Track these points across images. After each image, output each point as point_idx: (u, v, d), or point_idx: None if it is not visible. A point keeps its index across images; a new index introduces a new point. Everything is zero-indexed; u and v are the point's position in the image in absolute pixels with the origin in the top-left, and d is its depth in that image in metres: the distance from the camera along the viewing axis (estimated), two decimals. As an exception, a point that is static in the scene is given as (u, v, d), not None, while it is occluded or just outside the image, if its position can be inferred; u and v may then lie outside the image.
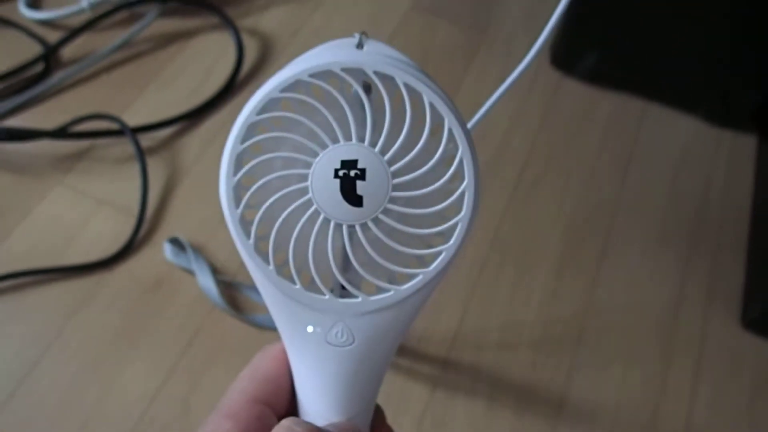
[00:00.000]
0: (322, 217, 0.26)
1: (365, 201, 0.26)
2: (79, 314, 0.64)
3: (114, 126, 0.75)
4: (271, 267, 0.27)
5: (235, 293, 0.67)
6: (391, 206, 0.26)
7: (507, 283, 0.69)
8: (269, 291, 0.28)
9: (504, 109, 0.82)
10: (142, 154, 0.73)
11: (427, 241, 0.27)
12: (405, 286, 0.27)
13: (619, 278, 0.71)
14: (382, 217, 0.26)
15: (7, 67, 0.80)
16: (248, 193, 0.27)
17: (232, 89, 0.81)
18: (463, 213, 0.27)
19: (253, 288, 0.66)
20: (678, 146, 0.81)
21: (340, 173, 0.26)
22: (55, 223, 0.70)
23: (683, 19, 0.77)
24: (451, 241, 0.27)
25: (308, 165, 0.26)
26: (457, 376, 0.64)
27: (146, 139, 0.76)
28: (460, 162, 0.26)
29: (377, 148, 0.26)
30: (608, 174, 0.78)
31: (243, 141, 0.27)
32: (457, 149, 0.26)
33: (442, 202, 0.27)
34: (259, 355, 0.30)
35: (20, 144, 0.74)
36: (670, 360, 0.66)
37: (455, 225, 0.27)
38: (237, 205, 0.27)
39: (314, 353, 0.28)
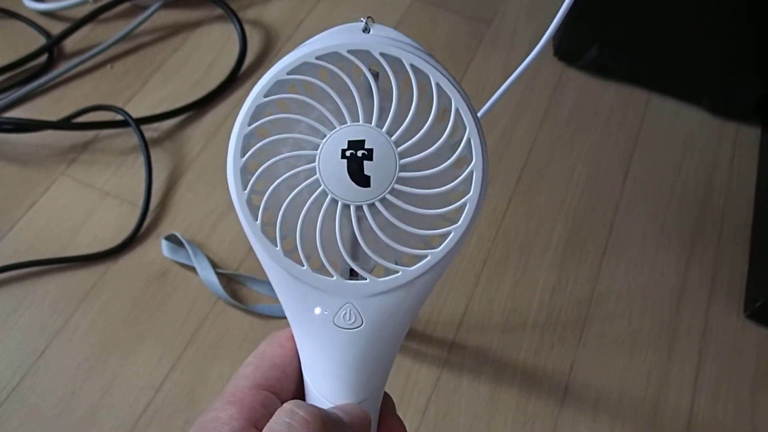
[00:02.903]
0: (329, 197, 0.26)
1: (372, 181, 0.26)
2: (84, 304, 0.65)
3: (118, 117, 0.75)
4: (278, 248, 0.27)
5: (237, 286, 0.67)
6: (398, 186, 0.26)
7: (512, 271, 0.69)
8: (276, 273, 0.27)
9: (507, 100, 0.82)
10: (146, 146, 0.73)
11: (435, 222, 0.27)
12: (413, 268, 0.27)
13: (622, 267, 0.71)
14: (389, 197, 0.26)
15: (10, 59, 0.80)
16: (255, 174, 0.27)
17: (235, 80, 0.81)
18: (471, 193, 0.26)
19: (255, 280, 0.66)
20: (681, 137, 0.81)
21: (347, 153, 0.26)
22: (59, 214, 0.70)
23: (687, 11, 0.77)
24: (459, 222, 0.27)
25: (316, 146, 0.26)
26: (462, 363, 0.64)
27: (150, 131, 0.76)
28: (468, 142, 0.26)
29: (384, 129, 0.26)
30: (612, 164, 0.78)
31: (250, 123, 0.27)
32: (464, 129, 0.26)
33: (450, 182, 0.26)
34: (265, 341, 0.29)
35: (24, 135, 0.74)
36: (673, 349, 0.66)
37: (463, 205, 0.27)
38: (244, 187, 0.27)
39: (322, 336, 0.28)
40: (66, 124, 0.74)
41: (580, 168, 0.78)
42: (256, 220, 0.27)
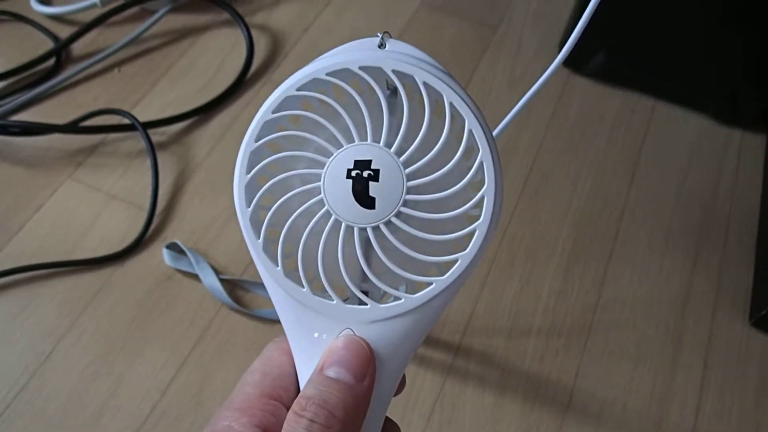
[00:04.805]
0: (333, 218, 0.25)
1: (378, 203, 0.25)
2: (90, 307, 0.65)
3: (125, 121, 0.75)
4: (279, 268, 0.26)
5: (242, 291, 0.67)
6: (404, 210, 0.25)
7: (517, 276, 0.70)
8: (277, 293, 0.27)
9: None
10: (153, 149, 0.73)
11: (443, 248, 0.26)
12: (417, 295, 0.26)
13: (627, 275, 0.71)
14: (395, 220, 0.25)
15: (18, 62, 0.80)
16: (260, 192, 0.26)
17: (242, 85, 0.82)
18: (481, 219, 0.25)
19: (260, 285, 0.66)
20: (687, 144, 0.81)
21: (353, 173, 0.25)
22: (66, 218, 0.70)
23: (694, 18, 0.77)
24: (468, 249, 0.26)
25: (322, 165, 0.25)
26: (467, 369, 0.64)
27: (157, 134, 0.77)
28: (481, 165, 0.25)
29: (393, 149, 0.25)
30: (617, 171, 0.78)
31: (258, 139, 0.26)
32: (477, 152, 0.25)
33: (460, 207, 0.25)
34: (271, 347, 0.29)
35: (31, 138, 0.75)
36: (678, 357, 0.66)
37: (473, 232, 0.25)
38: (248, 204, 0.26)
39: (318, 357, 0.26)
40: (73, 127, 0.74)
41: (585, 174, 0.78)
42: (259, 238, 0.27)
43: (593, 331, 0.67)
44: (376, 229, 0.25)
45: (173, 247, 0.68)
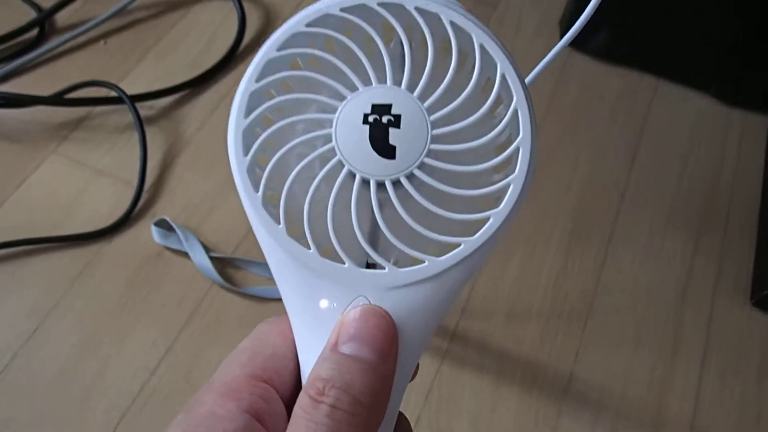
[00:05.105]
0: (345, 169, 0.22)
1: (398, 152, 0.22)
2: (77, 284, 0.62)
3: (112, 94, 0.73)
4: (281, 225, 0.23)
5: (234, 269, 0.65)
6: (429, 161, 0.22)
7: (516, 258, 0.68)
8: (277, 256, 0.23)
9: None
10: (141, 123, 0.71)
11: (471, 206, 0.23)
12: (442, 258, 0.22)
13: (628, 256, 0.69)
14: (418, 173, 0.22)
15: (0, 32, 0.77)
16: (261, 137, 0.23)
17: (233, 59, 0.79)
18: (516, 173, 0.22)
19: (253, 262, 0.64)
20: (689, 125, 0.79)
21: (370, 119, 0.22)
22: (50, 193, 0.68)
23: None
24: (501, 206, 0.22)
25: (333, 109, 0.22)
26: (464, 352, 0.62)
27: (145, 108, 0.74)
28: (515, 113, 0.22)
29: (416, 93, 0.22)
30: (618, 152, 0.77)
31: (259, 79, 0.23)
32: (510, 98, 0.22)
33: (492, 158, 0.23)
34: (263, 327, 0.25)
35: (14, 111, 0.72)
36: (679, 338, 0.65)
37: (506, 187, 0.22)
38: (246, 152, 0.23)
39: (328, 332, 0.23)
40: (58, 99, 0.72)
41: (585, 155, 0.76)
42: (257, 191, 0.23)
43: (593, 312, 0.66)
44: (396, 182, 0.22)
45: (162, 224, 0.66)
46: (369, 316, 0.22)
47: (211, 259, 0.64)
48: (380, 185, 0.22)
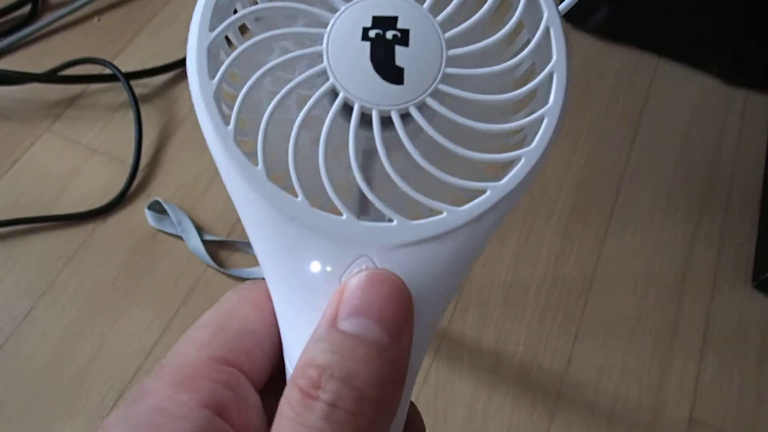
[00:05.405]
0: (341, 96, 0.18)
1: (407, 76, 0.18)
2: (71, 265, 0.62)
3: (106, 71, 0.72)
4: (260, 167, 0.18)
5: (228, 251, 0.64)
6: (443, 87, 0.18)
7: (515, 237, 0.67)
8: (254, 208, 0.18)
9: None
10: (136, 101, 0.69)
11: (494, 144, 0.20)
12: (465, 207, 0.18)
13: (628, 236, 0.69)
14: (430, 102, 0.18)
15: (-8, 8, 0.76)
16: (231, 56, 0.18)
17: (229, 36, 0.78)
18: (550, 104, 0.19)
19: (248, 243, 0.64)
20: (690, 104, 0.78)
21: (371, 34, 0.18)
22: (44, 172, 0.67)
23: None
24: (534, 143, 0.19)
25: (324, 22, 0.18)
26: (463, 331, 0.62)
27: (140, 86, 0.73)
28: (546, 32, 0.19)
29: (426, 4, 0.18)
30: (618, 131, 0.76)
31: None
32: (540, 14, 0.19)
33: (519, 87, 0.19)
34: (231, 296, 0.20)
35: (7, 88, 0.71)
36: (679, 318, 0.65)
37: (539, 120, 0.19)
38: (212, 74, 0.18)
39: (319, 304, 0.18)
40: (52, 76, 0.70)
41: (585, 134, 0.75)
42: (228, 124, 0.18)
43: (593, 292, 0.65)
44: (404, 113, 0.18)
45: (155, 207, 0.65)
46: (378, 283, 0.17)
47: (205, 242, 0.63)
48: (385, 116, 0.18)
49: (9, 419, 0.54)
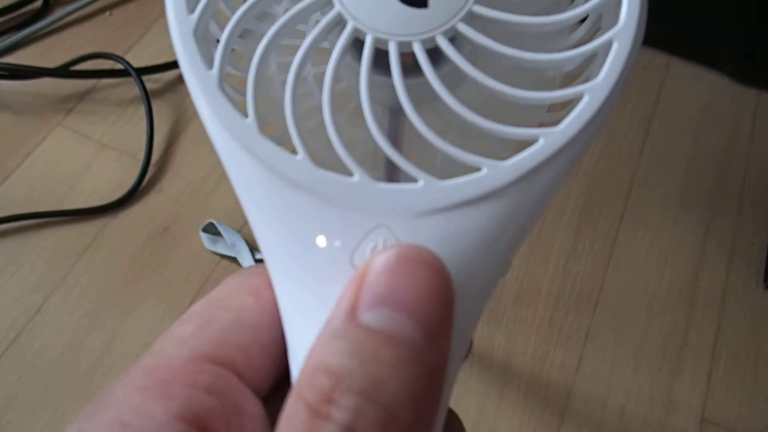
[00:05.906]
0: (350, 26, 0.14)
1: None
2: (83, 259, 0.62)
3: (118, 66, 0.72)
4: (251, 119, 0.15)
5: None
6: (479, 9, 0.14)
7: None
8: (245, 169, 0.15)
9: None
10: (147, 96, 0.70)
11: (547, 80, 0.16)
12: (510, 161, 0.14)
13: (639, 235, 0.69)
14: (463, 28, 0.14)
15: (4, 3, 0.76)
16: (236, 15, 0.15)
17: (240, 32, 0.78)
18: (620, 25, 0.15)
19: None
20: (702, 103, 0.78)
21: None
22: (55, 166, 0.67)
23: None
24: (601, 75, 0.15)
25: None
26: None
27: (151, 81, 0.73)
28: None
29: None
30: (630, 130, 0.75)
31: None
32: None
33: (575, 6, 0.15)
34: (229, 282, 0.17)
35: (19, 83, 0.71)
36: (691, 318, 0.65)
37: (607, 45, 0.15)
38: (192, 9, 0.15)
39: (328, 288, 0.14)
40: (63, 71, 0.71)
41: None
42: (211, 67, 0.15)
43: (604, 291, 0.65)
44: (429, 43, 0.14)
45: (210, 229, 0.63)
46: (412, 265, 0.13)
47: (258, 261, 0.62)
48: (405, 48, 0.14)
49: (21, 412, 0.54)
